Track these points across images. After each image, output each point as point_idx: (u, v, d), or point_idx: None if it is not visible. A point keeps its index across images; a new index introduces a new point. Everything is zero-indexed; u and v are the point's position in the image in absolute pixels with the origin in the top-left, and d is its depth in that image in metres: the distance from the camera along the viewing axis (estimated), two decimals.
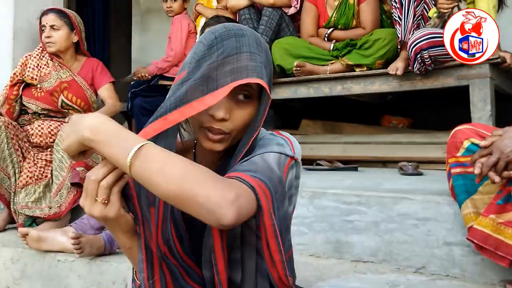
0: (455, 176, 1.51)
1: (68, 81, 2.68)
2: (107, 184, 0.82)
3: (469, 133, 1.49)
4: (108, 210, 0.83)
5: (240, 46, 0.89)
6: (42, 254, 2.00)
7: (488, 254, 1.40)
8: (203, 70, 0.88)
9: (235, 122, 0.93)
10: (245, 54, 0.89)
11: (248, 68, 0.88)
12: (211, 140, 0.93)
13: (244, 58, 0.89)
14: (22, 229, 2.01)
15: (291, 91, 3.02)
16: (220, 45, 0.89)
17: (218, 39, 0.90)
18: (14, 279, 2.06)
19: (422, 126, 3.35)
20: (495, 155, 1.32)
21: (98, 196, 0.83)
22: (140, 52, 5.29)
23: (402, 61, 2.58)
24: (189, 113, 0.85)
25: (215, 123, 0.91)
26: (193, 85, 0.87)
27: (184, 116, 0.86)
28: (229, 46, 0.89)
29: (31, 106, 2.65)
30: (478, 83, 2.35)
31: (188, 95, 0.86)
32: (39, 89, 2.65)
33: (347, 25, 2.98)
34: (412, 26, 2.55)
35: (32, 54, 2.73)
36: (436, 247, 1.65)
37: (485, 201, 1.43)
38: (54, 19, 2.70)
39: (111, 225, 0.88)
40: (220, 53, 0.88)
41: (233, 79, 0.87)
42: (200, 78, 0.87)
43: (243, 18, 3.15)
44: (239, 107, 0.93)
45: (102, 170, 0.83)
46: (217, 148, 0.94)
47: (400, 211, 1.73)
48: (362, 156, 2.99)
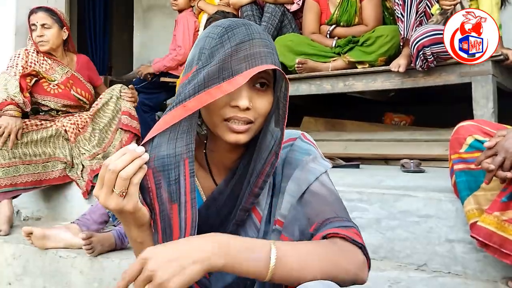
0: (458, 173, 1.51)
1: (70, 76, 2.73)
2: (127, 175, 0.79)
3: (472, 129, 1.49)
4: (126, 203, 0.81)
5: (251, 33, 0.88)
6: (44, 250, 2.00)
7: (492, 251, 1.40)
8: (217, 59, 0.85)
9: (258, 110, 0.90)
10: (257, 40, 0.88)
11: (262, 55, 0.87)
12: (236, 131, 0.89)
13: (257, 44, 0.87)
14: (26, 228, 2.02)
15: (292, 88, 3.01)
16: (231, 33, 0.87)
17: (227, 29, 0.88)
18: (16, 275, 2.06)
19: (424, 124, 3.34)
20: (500, 155, 1.32)
21: (116, 188, 0.79)
22: (142, 48, 5.29)
23: (405, 58, 2.57)
24: (207, 100, 0.83)
25: (240, 113, 0.88)
26: (210, 71, 0.84)
27: (202, 103, 0.83)
28: (240, 33, 0.87)
29: (49, 104, 2.67)
30: (480, 80, 2.34)
31: (205, 81, 0.84)
32: (52, 85, 2.66)
33: (349, 22, 2.97)
34: (415, 23, 2.54)
35: (28, 50, 2.71)
36: (437, 244, 1.65)
37: (488, 197, 1.43)
38: (45, 18, 2.71)
39: (125, 218, 0.85)
40: (233, 41, 0.86)
41: (248, 66, 0.85)
42: (215, 65, 0.85)
43: (245, 15, 3.14)
44: (258, 96, 0.91)
45: (121, 160, 0.79)
46: (242, 140, 0.90)
47: (401, 208, 1.72)
48: (364, 153, 2.98)
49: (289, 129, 1.04)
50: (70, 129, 2.60)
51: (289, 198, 0.95)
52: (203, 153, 1.01)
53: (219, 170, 1.01)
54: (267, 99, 0.91)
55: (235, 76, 0.84)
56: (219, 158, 1.00)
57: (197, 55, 0.90)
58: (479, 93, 2.34)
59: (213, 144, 0.98)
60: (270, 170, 0.92)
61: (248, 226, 0.96)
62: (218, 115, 0.90)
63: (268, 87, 0.92)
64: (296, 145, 1.00)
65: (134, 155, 0.81)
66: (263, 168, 0.92)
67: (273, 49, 0.91)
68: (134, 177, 0.80)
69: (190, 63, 0.92)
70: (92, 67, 2.95)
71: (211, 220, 0.96)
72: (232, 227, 0.94)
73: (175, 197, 0.84)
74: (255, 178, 0.92)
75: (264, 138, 0.92)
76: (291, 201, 0.94)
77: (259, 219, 0.96)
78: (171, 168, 0.84)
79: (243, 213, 0.94)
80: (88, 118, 2.70)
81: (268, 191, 0.97)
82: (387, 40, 2.73)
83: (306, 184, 0.94)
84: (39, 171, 2.46)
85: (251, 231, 0.95)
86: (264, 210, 0.96)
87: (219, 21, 0.94)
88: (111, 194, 0.80)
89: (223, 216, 0.96)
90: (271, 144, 0.92)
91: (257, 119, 0.91)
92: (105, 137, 2.70)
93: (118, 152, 0.81)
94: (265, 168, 0.92)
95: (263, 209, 0.96)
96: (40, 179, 2.47)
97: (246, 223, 0.96)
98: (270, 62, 0.88)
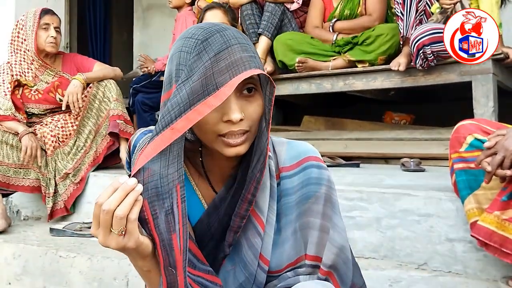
0: (458, 172, 1.51)
1: (58, 79, 2.73)
2: (123, 213, 0.74)
3: (472, 128, 1.49)
4: (127, 241, 0.76)
5: (227, 40, 0.82)
6: (43, 249, 2.00)
7: (492, 251, 1.39)
8: (197, 73, 0.80)
9: (251, 117, 0.86)
10: (235, 46, 0.82)
11: (244, 60, 0.82)
12: (233, 145, 0.85)
13: (236, 51, 0.82)
14: None
15: (293, 87, 3.01)
16: (206, 43, 0.82)
17: (201, 40, 0.82)
18: (15, 275, 2.06)
19: (424, 123, 3.33)
20: (500, 154, 1.32)
21: (113, 228, 0.75)
22: (142, 48, 5.28)
23: (405, 57, 2.57)
24: (195, 119, 0.78)
25: (234, 126, 0.84)
26: (193, 88, 0.79)
27: (191, 123, 0.79)
28: (216, 42, 0.82)
29: (32, 110, 2.69)
30: (481, 79, 2.34)
31: (190, 99, 0.79)
32: (33, 91, 2.67)
33: (352, 13, 2.97)
34: (415, 21, 2.54)
35: (11, 62, 2.70)
36: (438, 243, 1.64)
37: (488, 196, 1.42)
38: (58, 21, 2.76)
39: (130, 253, 0.81)
40: (210, 51, 0.81)
41: (232, 75, 0.80)
42: (198, 81, 0.79)
43: (245, 13, 3.13)
44: (248, 102, 0.86)
45: (114, 198, 0.75)
46: (241, 151, 0.86)
47: (402, 207, 1.72)
48: (364, 152, 2.98)
49: (274, 136, 1.02)
50: (49, 141, 2.60)
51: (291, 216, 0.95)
52: (200, 161, 0.97)
53: (218, 176, 0.98)
54: (257, 103, 0.87)
55: (220, 88, 0.79)
56: (217, 165, 0.97)
57: (174, 71, 0.84)
58: (479, 92, 2.34)
59: (209, 151, 0.94)
60: (260, 177, 0.90)
61: (250, 233, 0.93)
62: (211, 132, 0.85)
63: (255, 91, 0.87)
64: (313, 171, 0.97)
65: (127, 190, 0.76)
66: (254, 174, 0.89)
67: (254, 52, 0.86)
68: (131, 214, 0.76)
69: (168, 81, 0.86)
70: (80, 61, 2.87)
71: (213, 229, 0.94)
72: (232, 236, 0.92)
73: (173, 228, 0.81)
74: (248, 184, 0.90)
75: (259, 143, 0.89)
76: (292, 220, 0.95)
77: (262, 225, 0.93)
78: (166, 197, 0.81)
79: (239, 219, 0.91)
80: (73, 130, 2.68)
81: (271, 196, 0.95)
82: (387, 38, 2.72)
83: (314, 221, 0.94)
84: (9, 175, 2.47)
85: (254, 237, 0.93)
86: (268, 214, 0.94)
87: (188, 31, 0.87)
88: (110, 234, 0.76)
89: (224, 224, 0.94)
90: (261, 149, 0.89)
91: (252, 126, 0.87)
92: (84, 145, 2.66)
93: (110, 187, 0.76)
94: (256, 174, 0.89)
95: (265, 214, 0.93)
96: (8, 182, 2.47)
97: (248, 231, 0.93)
98: (253, 67, 0.83)
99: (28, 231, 2.39)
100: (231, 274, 0.95)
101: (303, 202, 0.95)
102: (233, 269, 0.95)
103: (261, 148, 0.89)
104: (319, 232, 0.93)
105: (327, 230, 0.94)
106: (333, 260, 0.93)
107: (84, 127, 2.68)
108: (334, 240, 0.93)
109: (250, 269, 0.93)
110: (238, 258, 0.94)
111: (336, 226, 0.95)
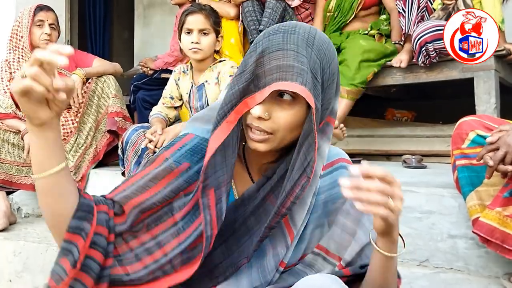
0: (460, 168, 1.50)
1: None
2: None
3: (474, 124, 1.48)
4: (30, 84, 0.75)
5: (286, 43, 0.83)
6: (44, 247, 2.00)
7: (494, 247, 1.39)
8: (250, 68, 0.84)
9: (277, 122, 0.86)
10: (291, 52, 0.83)
11: (294, 70, 0.82)
12: (253, 139, 0.88)
13: (290, 56, 0.82)
14: None
15: None
16: (266, 40, 0.85)
17: (265, 35, 0.87)
18: (16, 272, 2.06)
19: (426, 119, 3.33)
20: (502, 149, 1.31)
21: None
22: (143, 46, 5.27)
23: (406, 54, 2.55)
24: (242, 110, 0.86)
25: (255, 122, 0.86)
26: (245, 83, 0.85)
27: (239, 114, 0.86)
28: (274, 41, 0.84)
29: None
30: (482, 75, 2.33)
31: (242, 93, 0.85)
32: None
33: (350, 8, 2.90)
34: (416, 18, 2.53)
35: (9, 60, 2.68)
36: (440, 240, 1.64)
37: (490, 193, 1.42)
38: (54, 18, 2.71)
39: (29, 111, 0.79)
40: (265, 48, 0.84)
41: (279, 78, 0.82)
42: (249, 75, 0.84)
43: (246, 10, 3.12)
44: (281, 107, 0.86)
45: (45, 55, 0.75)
46: (260, 148, 0.88)
47: (404, 204, 1.70)
48: (365, 149, 2.97)
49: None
50: None
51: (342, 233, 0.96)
52: (242, 145, 1.00)
53: (255, 166, 1.00)
54: (292, 113, 0.86)
55: (266, 86, 0.83)
56: (256, 158, 0.99)
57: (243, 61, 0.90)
58: (481, 88, 2.33)
59: None
60: (299, 193, 0.87)
61: (279, 244, 0.94)
62: (244, 119, 0.90)
63: (295, 100, 0.86)
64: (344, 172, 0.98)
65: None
66: (293, 189, 0.87)
67: (308, 66, 0.83)
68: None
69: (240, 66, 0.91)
70: (78, 56, 2.82)
71: (237, 224, 0.95)
72: (258, 244, 0.92)
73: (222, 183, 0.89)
74: (284, 198, 0.87)
75: (297, 158, 0.86)
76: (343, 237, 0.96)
77: (291, 237, 0.93)
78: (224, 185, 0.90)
79: (268, 230, 0.90)
80: (74, 127, 2.67)
81: (308, 210, 0.94)
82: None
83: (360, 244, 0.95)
84: (11, 173, 2.47)
85: (281, 248, 0.93)
86: (300, 228, 0.94)
87: (274, 26, 0.90)
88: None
89: (249, 227, 0.94)
90: (304, 166, 0.86)
91: (277, 131, 0.87)
92: (85, 142, 2.66)
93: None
94: (295, 190, 0.87)
95: (298, 228, 0.93)
96: (11, 180, 2.47)
97: (277, 240, 0.94)
98: (299, 81, 0.81)
99: (29, 228, 2.38)
100: (245, 274, 0.94)
101: (333, 201, 0.96)
102: (250, 272, 0.94)
103: (303, 165, 0.86)
104: (341, 231, 0.95)
105: (353, 232, 0.95)
106: (353, 257, 0.95)
107: (85, 124, 2.68)
108: (359, 239, 0.95)
109: (268, 277, 0.93)
110: (258, 264, 0.94)
111: (363, 227, 0.95)
